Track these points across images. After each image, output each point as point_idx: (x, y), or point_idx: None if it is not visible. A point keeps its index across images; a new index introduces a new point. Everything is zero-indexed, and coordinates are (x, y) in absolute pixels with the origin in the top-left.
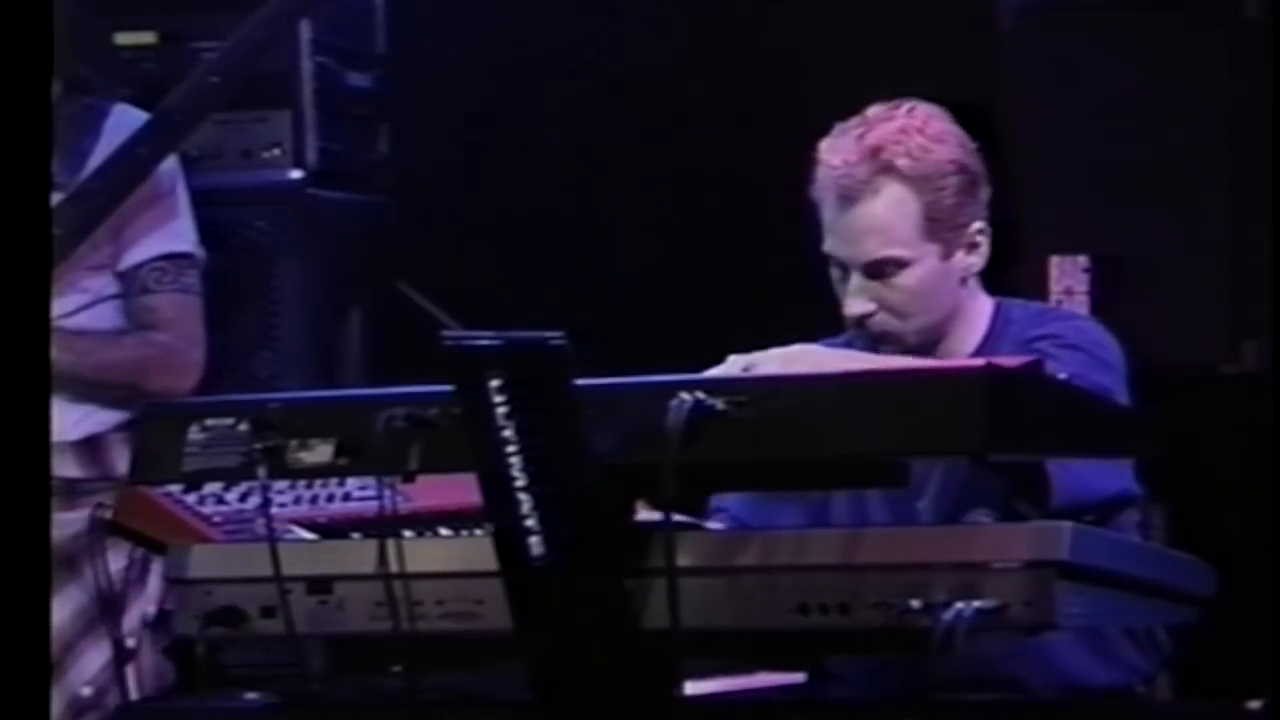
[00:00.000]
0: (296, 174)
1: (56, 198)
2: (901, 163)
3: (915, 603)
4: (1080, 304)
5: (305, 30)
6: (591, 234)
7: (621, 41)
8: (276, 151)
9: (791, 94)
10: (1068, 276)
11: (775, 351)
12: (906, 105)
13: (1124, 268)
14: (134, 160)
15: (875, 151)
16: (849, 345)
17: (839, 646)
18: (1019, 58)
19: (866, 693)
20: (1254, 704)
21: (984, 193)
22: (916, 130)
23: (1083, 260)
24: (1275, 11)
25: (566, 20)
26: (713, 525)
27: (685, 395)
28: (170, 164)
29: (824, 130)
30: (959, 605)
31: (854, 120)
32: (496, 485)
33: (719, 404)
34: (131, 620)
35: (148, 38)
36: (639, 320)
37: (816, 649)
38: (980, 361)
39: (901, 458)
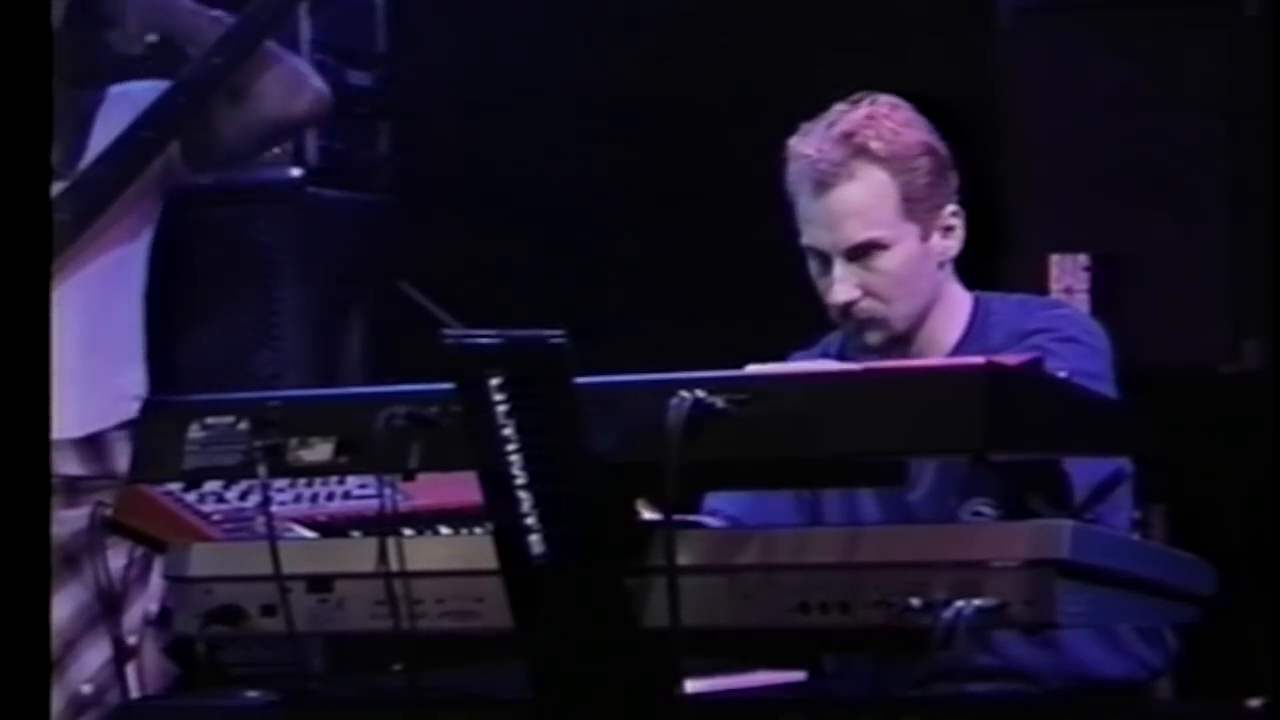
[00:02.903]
0: (297, 173)
1: (57, 187)
2: (875, 145)
3: (915, 601)
4: (1080, 303)
5: (305, 29)
6: (592, 233)
7: (622, 40)
8: (276, 150)
9: (793, 93)
10: (1068, 275)
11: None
12: (868, 97)
13: (1124, 267)
14: (139, 144)
15: (848, 136)
16: (825, 350)
17: (839, 645)
18: (1018, 57)
19: (870, 687)
20: (1254, 703)
21: (953, 178)
22: (884, 116)
23: (1083, 259)
24: (1275, 11)
25: (566, 20)
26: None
27: (685, 394)
28: None
29: (791, 130)
30: (959, 604)
31: (819, 118)
32: (496, 484)
33: (719, 403)
34: (133, 618)
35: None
36: (639, 320)
37: (817, 647)
38: (980, 360)
39: (902, 457)
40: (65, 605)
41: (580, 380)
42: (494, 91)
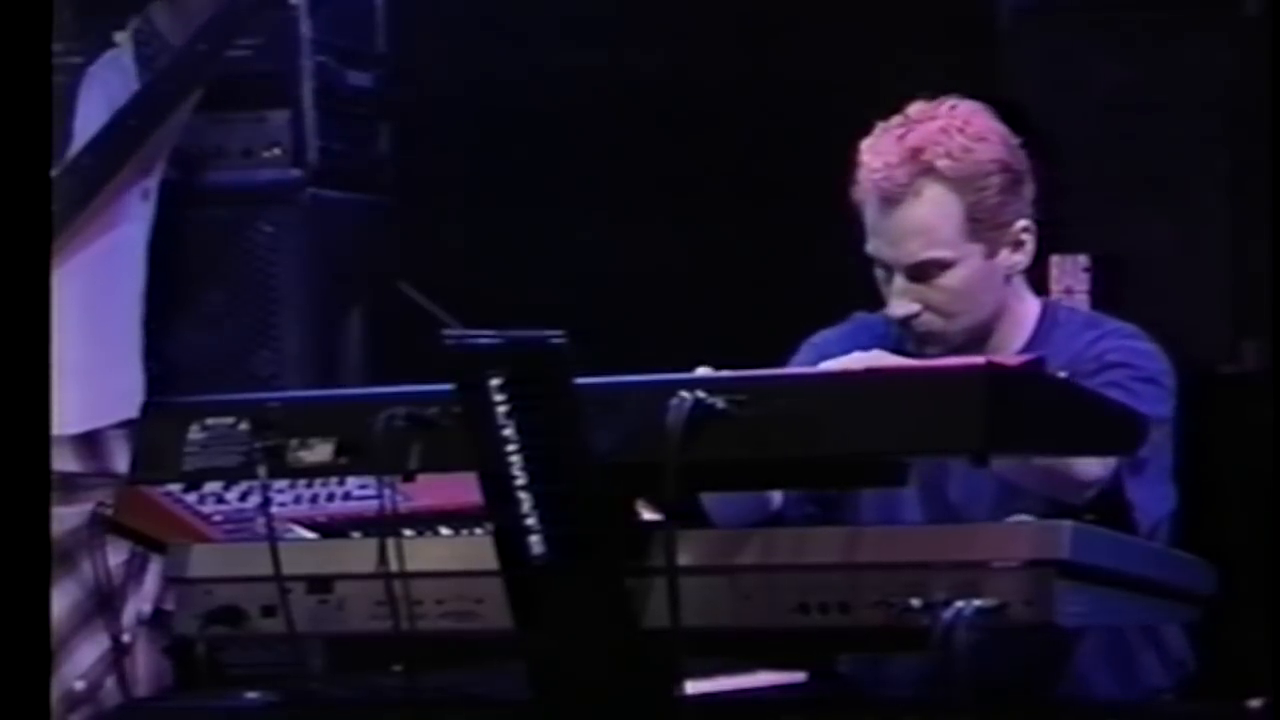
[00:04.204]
0: (296, 173)
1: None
2: (942, 164)
3: (915, 602)
4: (1080, 303)
5: (305, 29)
6: (592, 233)
7: (623, 41)
8: (276, 151)
9: (790, 95)
10: (1068, 276)
11: (847, 358)
12: (948, 103)
13: (1124, 267)
14: (125, 132)
15: (916, 153)
16: (851, 335)
17: (839, 645)
18: (1019, 58)
19: (875, 693)
20: (1254, 703)
21: (1028, 190)
22: (957, 130)
23: (1083, 259)
24: (1275, 11)
25: (567, 19)
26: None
27: (685, 394)
28: None
29: (866, 129)
30: (959, 604)
31: (895, 120)
32: (497, 484)
33: (719, 403)
34: (127, 617)
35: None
36: (639, 320)
37: (816, 648)
38: (980, 360)
39: (901, 457)
40: (60, 602)
41: (580, 380)
42: (494, 91)
